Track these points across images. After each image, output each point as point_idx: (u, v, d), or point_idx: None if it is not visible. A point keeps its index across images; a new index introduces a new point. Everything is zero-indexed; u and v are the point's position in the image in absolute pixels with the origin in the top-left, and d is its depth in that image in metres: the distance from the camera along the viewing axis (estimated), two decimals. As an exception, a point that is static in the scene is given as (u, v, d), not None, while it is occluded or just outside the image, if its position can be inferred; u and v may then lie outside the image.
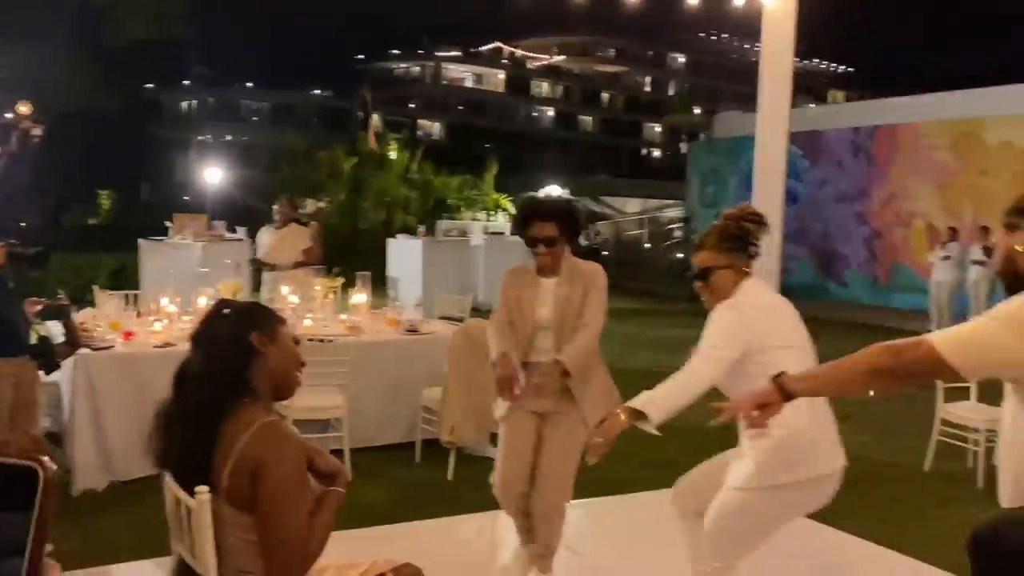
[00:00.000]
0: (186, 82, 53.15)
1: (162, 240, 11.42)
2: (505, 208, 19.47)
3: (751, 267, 3.03)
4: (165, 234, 11.56)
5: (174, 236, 11.40)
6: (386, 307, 6.81)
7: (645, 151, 67.57)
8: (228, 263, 8.68)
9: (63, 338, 4.29)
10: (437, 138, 57.00)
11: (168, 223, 11.67)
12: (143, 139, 35.89)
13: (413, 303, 7.29)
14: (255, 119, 55.38)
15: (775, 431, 2.77)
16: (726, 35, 74.21)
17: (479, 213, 19.37)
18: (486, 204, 20.25)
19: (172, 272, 8.98)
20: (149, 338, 5.35)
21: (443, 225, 16.43)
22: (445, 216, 18.37)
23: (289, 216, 8.17)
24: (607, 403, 3.52)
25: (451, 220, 17.47)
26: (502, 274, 3.86)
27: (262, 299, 6.17)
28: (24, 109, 4.92)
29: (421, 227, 15.22)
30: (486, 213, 19.58)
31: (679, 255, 20.07)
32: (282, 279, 7.34)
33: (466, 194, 20.72)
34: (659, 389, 2.77)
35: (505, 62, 69.92)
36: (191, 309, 6.08)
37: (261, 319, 2.29)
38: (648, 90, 72.66)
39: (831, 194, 17.58)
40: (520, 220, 3.71)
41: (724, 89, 62.44)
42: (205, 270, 7.05)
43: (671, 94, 71.68)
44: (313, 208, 17.90)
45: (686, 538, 3.12)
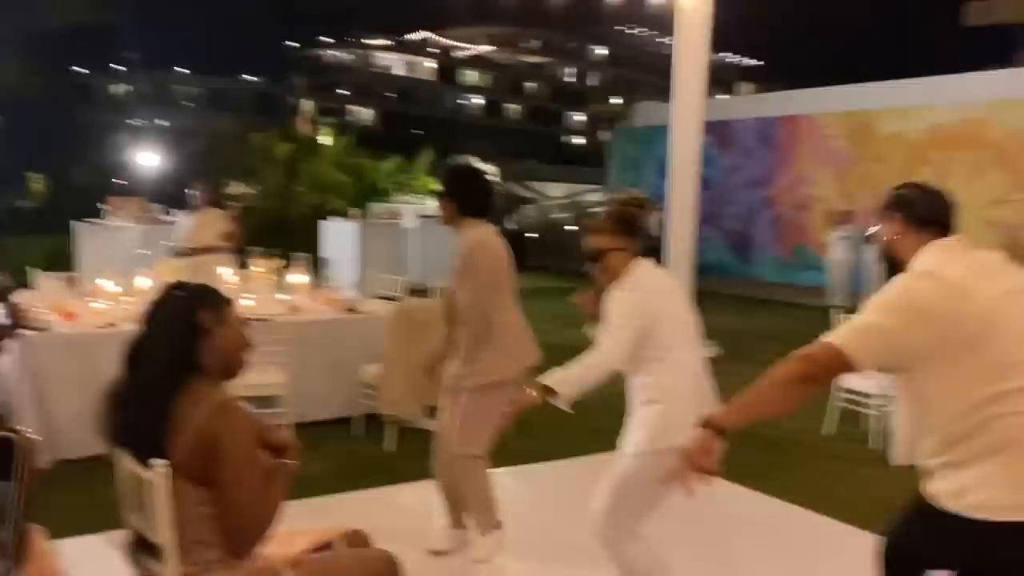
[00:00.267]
0: (118, 67, 51.28)
1: (98, 223, 11.07)
2: (436, 192, 19.36)
3: (638, 249, 3.09)
4: (100, 217, 11.21)
5: (109, 219, 11.07)
6: (323, 287, 6.75)
7: (568, 139, 67.93)
8: (165, 244, 8.46)
9: (6, 320, 4.16)
10: (368, 124, 56.27)
11: (103, 206, 11.31)
12: (74, 123, 34.51)
13: (349, 283, 7.24)
14: (188, 104, 53.78)
15: (662, 397, 2.89)
16: (644, 30, 74.99)
17: (412, 197, 19.22)
18: (418, 188, 20.10)
19: (110, 254, 8.73)
20: (91, 319, 5.21)
21: (376, 208, 16.27)
22: (378, 200, 18.19)
23: (208, 199, 7.69)
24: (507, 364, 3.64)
25: (383, 204, 17.31)
26: (436, 256, 3.91)
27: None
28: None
29: (355, 210, 15.05)
30: (419, 197, 19.45)
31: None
32: (200, 263, 6.76)
33: (398, 178, 20.53)
34: (570, 368, 2.87)
35: (434, 51, 69.33)
36: (131, 291, 5.94)
37: (211, 300, 2.28)
38: (570, 80, 73.03)
39: (740, 180, 18.00)
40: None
41: (641, 80, 63.15)
42: (145, 252, 6.86)
43: (591, 85, 72.23)
44: (239, 192, 17.48)
45: None
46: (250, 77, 57.78)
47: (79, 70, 44.06)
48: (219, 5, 60.16)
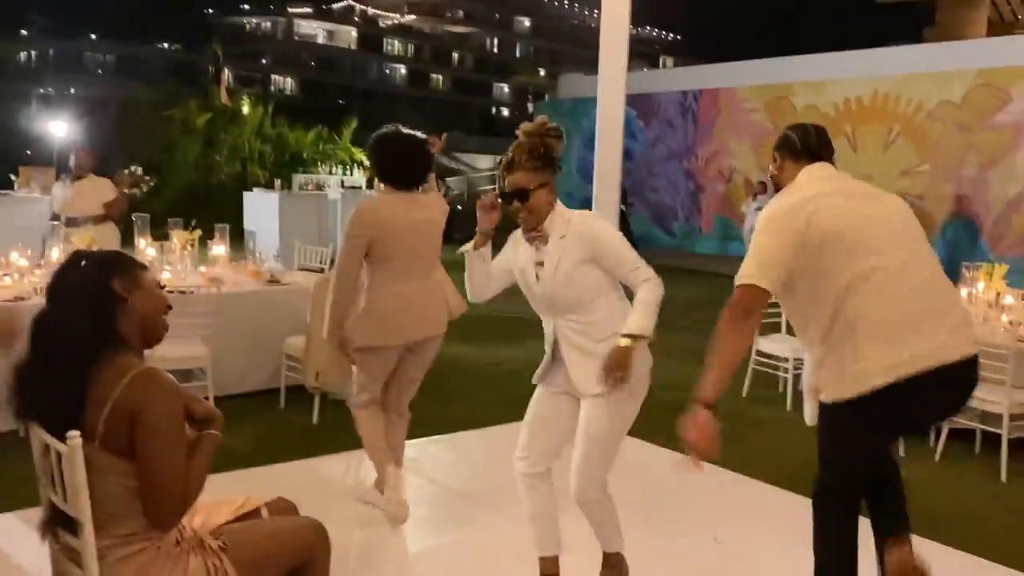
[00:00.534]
0: (24, 32, 48.78)
1: (7, 194, 10.59)
2: (361, 162, 19.08)
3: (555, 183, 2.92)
4: (10, 188, 10.73)
5: (20, 189, 10.60)
6: (245, 259, 6.61)
7: (495, 110, 67.64)
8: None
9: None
10: (290, 93, 54.95)
11: (13, 176, 10.82)
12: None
13: (272, 255, 7.10)
14: (100, 72, 51.61)
15: (611, 335, 2.86)
16: (568, 1, 74.88)
17: (335, 167, 18.90)
18: (342, 158, 19.77)
19: (19, 225, 8.37)
20: (0, 293, 5.00)
21: (299, 179, 15.96)
22: (300, 170, 17.84)
23: (88, 166, 7.12)
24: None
25: (307, 174, 16.99)
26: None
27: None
28: None
29: (277, 181, 14.74)
30: (342, 167, 19.13)
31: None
32: (79, 233, 6.13)
33: (321, 148, 20.16)
34: (639, 313, 2.77)
35: (357, 20, 67.96)
36: (43, 263, 5.72)
37: (121, 266, 2.19)
38: (496, 51, 72.57)
39: (662, 152, 18.24)
40: None
41: (567, 52, 63.17)
42: (56, 223, 6.58)
43: (517, 56, 71.91)
44: (133, 169, 17.01)
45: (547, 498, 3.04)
46: (167, 45, 55.75)
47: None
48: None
